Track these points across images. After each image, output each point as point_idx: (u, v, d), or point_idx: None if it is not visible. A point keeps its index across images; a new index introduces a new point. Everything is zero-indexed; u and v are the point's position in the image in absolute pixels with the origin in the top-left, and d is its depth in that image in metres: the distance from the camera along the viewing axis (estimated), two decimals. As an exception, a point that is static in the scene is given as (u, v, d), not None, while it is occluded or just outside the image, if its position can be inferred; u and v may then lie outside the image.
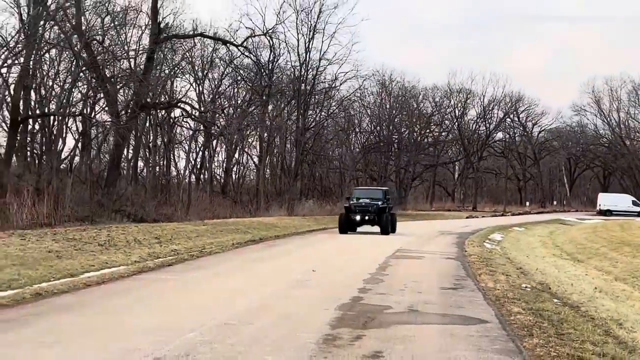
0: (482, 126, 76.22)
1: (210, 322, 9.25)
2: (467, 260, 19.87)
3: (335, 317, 9.69)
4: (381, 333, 8.79)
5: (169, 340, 7.99)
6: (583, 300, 12.84)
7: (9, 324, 8.86)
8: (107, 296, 11.78)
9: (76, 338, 8.33)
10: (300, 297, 11.84)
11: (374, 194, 32.77)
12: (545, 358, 7.85)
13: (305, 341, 8.17)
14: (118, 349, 7.42)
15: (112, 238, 20.33)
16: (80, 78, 32.48)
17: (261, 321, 9.49)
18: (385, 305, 11.20)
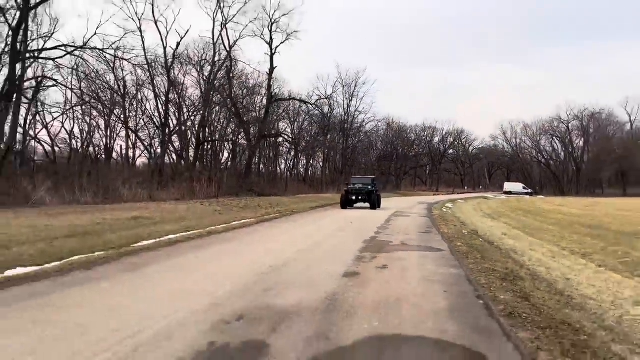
0: (442, 146, 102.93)
1: (296, 249, 11.72)
2: (433, 217, 24.09)
3: (362, 247, 12.18)
4: (387, 255, 11.03)
5: (277, 257, 10.37)
6: (495, 239, 15.15)
7: (198, 248, 11.52)
8: (245, 234, 14.69)
9: (231, 255, 10.93)
10: (342, 237, 14.71)
11: (365, 181, 32.27)
12: (474, 269, 9.43)
13: (346, 259, 10.33)
14: (252, 261, 9.90)
15: (247, 204, 25.02)
16: (231, 121, 40.79)
17: (321, 249, 12.08)
18: (389, 240, 13.67)
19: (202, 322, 5.60)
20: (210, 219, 18.09)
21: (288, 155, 63.35)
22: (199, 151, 42.41)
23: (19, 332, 5.18)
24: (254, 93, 49.01)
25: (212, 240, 13.11)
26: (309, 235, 14.67)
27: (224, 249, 11.54)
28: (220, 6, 40.83)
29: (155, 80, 38.63)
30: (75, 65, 30.36)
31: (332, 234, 15.03)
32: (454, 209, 33.08)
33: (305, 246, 12.01)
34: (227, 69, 42.51)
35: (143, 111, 41.77)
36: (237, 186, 37.86)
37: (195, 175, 36.34)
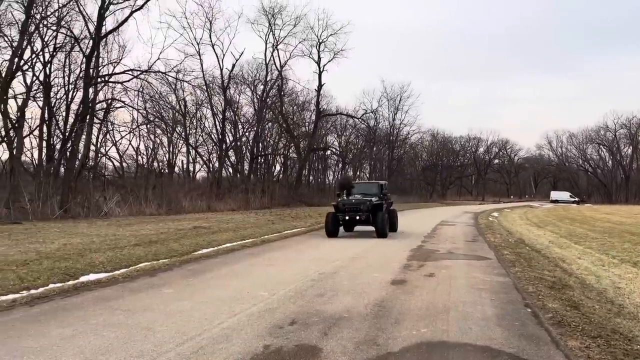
0: (487, 156, 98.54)
1: (345, 256, 11.77)
2: (479, 226, 23.21)
3: (409, 255, 11.92)
4: (434, 264, 10.74)
5: (327, 264, 10.55)
6: (542, 248, 14.51)
7: (253, 255, 11.78)
8: (296, 242, 14.77)
9: (283, 262, 11.09)
10: (390, 245, 13.65)
11: (367, 188, 19.46)
12: (522, 277, 9.13)
13: (393, 267, 10.29)
14: (303, 268, 9.99)
15: (297, 214, 24.72)
16: (282, 136, 44.44)
17: (370, 256, 11.86)
18: (435, 249, 13.08)
19: (257, 325, 5.67)
20: (263, 228, 18.34)
21: (336, 167, 63.57)
22: (253, 164, 43.33)
23: (93, 333, 5.40)
24: (303, 109, 49.80)
25: (266, 248, 13.28)
26: (358, 243, 14.66)
27: (277, 256, 11.64)
28: (271, 29, 41.83)
29: (213, 100, 39.90)
30: (141, 87, 31.72)
31: (380, 242, 14.94)
32: (500, 217, 32.12)
33: (353, 253, 11.97)
34: (278, 87, 43.41)
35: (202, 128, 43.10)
36: (289, 197, 38.46)
37: (250, 187, 37.05)
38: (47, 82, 27.10)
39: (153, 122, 35.01)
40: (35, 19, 23.68)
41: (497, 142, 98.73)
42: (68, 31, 26.12)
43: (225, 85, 39.07)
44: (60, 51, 27.34)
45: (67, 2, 24.80)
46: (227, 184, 39.04)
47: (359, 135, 63.32)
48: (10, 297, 6.97)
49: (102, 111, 29.45)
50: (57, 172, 25.94)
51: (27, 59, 25.88)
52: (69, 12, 25.45)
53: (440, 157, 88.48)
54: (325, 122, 52.66)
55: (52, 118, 27.94)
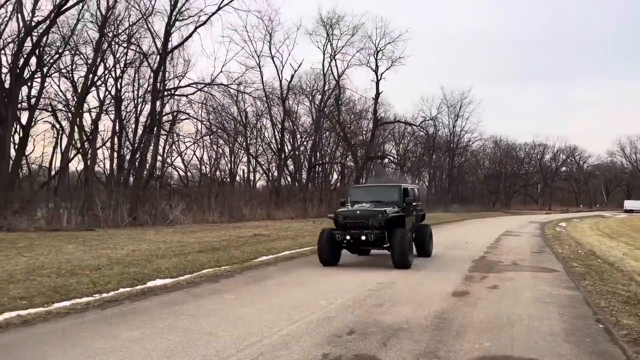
0: (553, 163, 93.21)
1: (412, 263, 11.30)
2: (546, 237, 22.01)
3: (471, 266, 11.44)
4: (497, 275, 10.30)
5: (386, 274, 10.56)
6: (615, 260, 13.59)
7: (311, 263, 11.76)
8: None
9: (342, 271, 11.02)
10: (453, 255, 13.31)
11: (382, 194, 13.04)
12: (592, 291, 8.66)
13: (454, 278, 10.01)
14: (361, 277, 10.09)
15: None
16: (340, 145, 46.91)
17: (431, 265, 11.16)
18: (498, 260, 12.57)
19: (316, 334, 5.68)
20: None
21: (394, 176, 62.79)
22: (311, 173, 43.75)
23: (159, 337, 5.60)
24: (360, 118, 49.70)
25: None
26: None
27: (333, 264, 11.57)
28: (329, 39, 42.18)
29: (272, 110, 40.67)
30: (205, 99, 32.82)
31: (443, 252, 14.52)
32: (569, 228, 30.52)
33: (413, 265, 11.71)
34: (335, 96, 43.69)
35: (262, 138, 44.03)
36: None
37: (308, 195, 37.36)
38: (118, 96, 28.67)
39: (216, 133, 36.15)
40: (107, 37, 25.15)
41: (565, 148, 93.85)
42: (137, 47, 27.58)
43: (284, 96, 39.80)
44: (130, 67, 28.93)
45: (137, 20, 26.20)
46: (285, 192, 39.59)
47: (417, 143, 62.34)
48: (84, 300, 7.37)
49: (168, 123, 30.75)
50: (126, 182, 27.29)
51: (101, 75, 27.54)
52: (138, 30, 26.88)
53: (504, 165, 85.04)
54: (382, 130, 52.27)
55: (123, 130, 29.51)
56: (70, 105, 26.58)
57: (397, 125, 54.59)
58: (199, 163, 41.01)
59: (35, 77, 24.28)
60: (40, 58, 23.51)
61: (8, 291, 7.52)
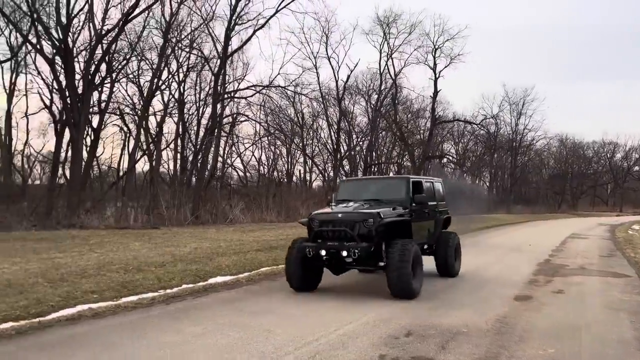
0: (625, 163, 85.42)
1: (473, 265, 11.25)
2: (617, 240, 20.43)
3: (535, 269, 10.96)
4: (563, 279, 9.92)
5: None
6: None
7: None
8: None
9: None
10: (516, 258, 12.78)
11: (383, 190, 9.32)
12: None
13: (517, 281, 9.68)
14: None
15: None
16: (396, 144, 46.18)
17: (494, 268, 11.01)
18: (564, 264, 12.08)
19: (372, 335, 5.66)
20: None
21: (453, 176, 61.40)
22: (367, 173, 43.60)
23: (220, 332, 5.77)
24: (418, 117, 48.95)
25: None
26: (478, 254, 13.91)
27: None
28: (386, 38, 41.88)
29: (328, 111, 40.83)
30: (263, 101, 33.50)
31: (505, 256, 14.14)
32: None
33: (473, 266, 11.44)
34: (392, 96, 43.31)
35: (318, 139, 44.35)
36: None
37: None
38: (181, 99, 29.76)
39: (273, 134, 36.79)
40: (171, 42, 26.16)
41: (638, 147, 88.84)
42: (199, 52, 28.52)
43: (340, 96, 39.88)
44: (192, 71, 29.94)
45: (199, 25, 27.10)
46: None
47: (477, 142, 60.44)
48: (150, 295, 7.71)
49: (228, 125, 31.60)
50: (189, 182, 28.28)
51: (165, 79, 28.70)
52: (199, 35, 27.80)
53: (570, 164, 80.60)
54: (441, 129, 51.22)
55: (185, 132, 30.58)
56: (136, 109, 27.88)
57: (456, 124, 53.28)
58: (258, 164, 41.87)
59: (105, 83, 25.66)
60: (110, 64, 24.80)
61: (81, 285, 8.00)
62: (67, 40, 22.00)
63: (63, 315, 6.40)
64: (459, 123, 53.22)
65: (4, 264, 9.65)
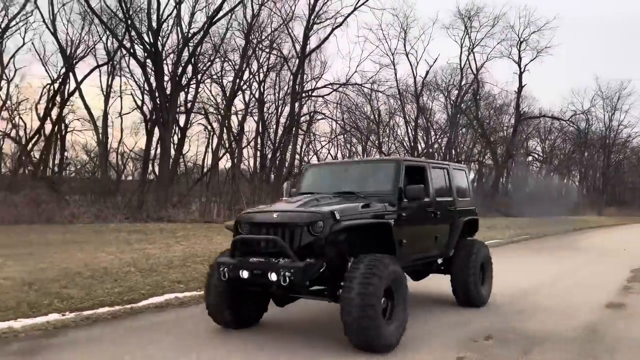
0: None
1: (551, 272, 10.36)
2: None
3: (630, 276, 10.35)
4: None
5: (530, 280, 9.61)
6: None
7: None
8: (502, 251, 13.64)
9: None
10: (607, 263, 12.08)
11: (361, 177, 6.38)
12: None
13: (609, 287, 8.95)
14: (502, 281, 8.57)
15: (494, 224, 24.35)
16: (477, 142, 46.20)
17: (582, 273, 10.49)
18: None
19: (449, 336, 5.55)
20: (457, 237, 17.93)
21: (538, 175, 58.38)
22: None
23: (297, 324, 5.87)
24: (501, 113, 47.04)
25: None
26: (564, 258, 13.21)
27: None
28: (467, 32, 40.67)
29: (406, 108, 40.33)
30: (340, 99, 33.74)
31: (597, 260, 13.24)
32: None
33: (556, 270, 10.82)
34: (473, 91, 41.97)
35: (394, 136, 43.93)
36: (483, 206, 36.83)
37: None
38: (261, 99, 30.62)
39: (349, 132, 36.88)
40: (252, 43, 27.01)
41: None
42: (278, 52, 29.21)
43: (418, 92, 39.22)
44: (272, 71, 30.71)
45: (278, 26, 27.78)
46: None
47: (566, 139, 56.77)
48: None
49: (305, 123, 32.08)
50: (268, 179, 29.06)
51: (246, 80, 29.67)
52: (279, 35, 28.49)
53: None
54: (526, 126, 48.83)
55: (265, 131, 31.43)
56: (220, 109, 29.04)
57: (542, 120, 50.55)
58: (334, 161, 42.20)
59: (191, 84, 26.98)
60: (195, 66, 26.05)
61: (168, 275, 8.50)
62: (157, 44, 23.39)
63: (152, 303, 6.83)
64: (545, 119, 50.52)
65: (101, 253, 10.48)
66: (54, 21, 24.28)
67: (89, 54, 26.14)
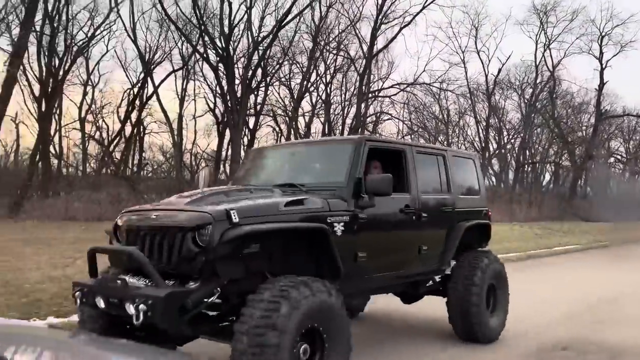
0: None
1: (631, 280, 9.61)
2: None
3: None
4: None
5: (608, 289, 9.05)
6: None
7: (517, 270, 10.46)
8: (569, 261, 13.77)
9: (551, 281, 9.81)
10: None
11: (312, 163, 4.86)
12: None
13: None
14: (577, 290, 8.68)
15: (570, 229, 24.07)
16: (554, 142, 42.01)
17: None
18: None
19: (524, 345, 5.36)
20: (530, 242, 17.17)
21: (621, 177, 54.63)
22: (519, 173, 40.94)
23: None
24: (579, 112, 44.47)
25: (531, 263, 12.46)
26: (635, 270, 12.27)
27: (544, 273, 10.73)
28: (543, 28, 38.88)
29: (476, 107, 39.25)
30: (407, 99, 33.45)
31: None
32: None
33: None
34: (549, 89, 40.13)
35: (464, 137, 42.86)
36: (560, 210, 35.15)
37: (515, 197, 35.10)
38: (328, 100, 30.94)
39: (417, 132, 36.41)
40: (320, 45, 27.35)
41: None
42: (345, 53, 29.40)
43: (490, 91, 38.05)
44: (338, 72, 30.96)
45: (346, 27, 27.94)
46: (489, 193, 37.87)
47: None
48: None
49: (371, 124, 32.04)
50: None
51: (313, 82, 30.10)
52: (346, 36, 28.65)
53: None
54: (607, 125, 45.76)
55: (331, 132, 31.71)
56: (287, 110, 29.65)
57: (626, 119, 46.95)
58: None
59: (260, 86, 27.73)
60: (265, 69, 26.75)
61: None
62: (228, 48, 24.24)
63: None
64: (629, 118, 47.07)
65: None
66: (134, 29, 25.86)
67: (165, 59, 27.62)
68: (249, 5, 25.02)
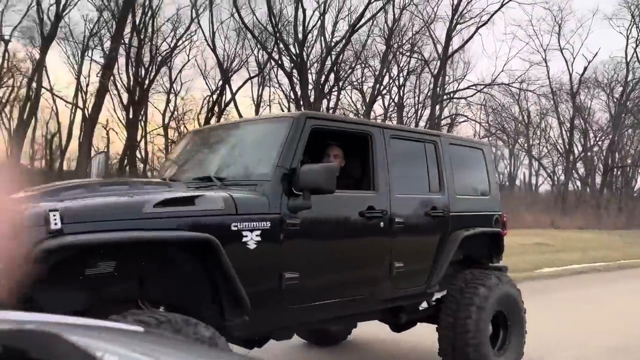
0: None
1: None
2: None
3: None
4: None
5: None
6: None
7: (604, 281, 10.04)
8: None
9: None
10: None
11: (244, 148, 3.54)
12: None
13: None
14: None
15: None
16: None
17: None
18: None
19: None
20: (619, 251, 16.08)
21: None
22: (607, 177, 38.35)
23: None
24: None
25: (622, 274, 11.64)
26: None
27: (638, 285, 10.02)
28: (635, 22, 36.22)
29: (560, 108, 37.29)
30: (484, 100, 32.41)
31: None
32: None
33: None
34: (643, 87, 37.43)
35: (546, 139, 40.84)
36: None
37: (602, 203, 32.94)
38: (400, 103, 30.68)
39: (495, 135, 35.17)
40: (393, 48, 27.20)
41: None
42: (419, 55, 29.01)
43: (574, 90, 36.00)
44: (412, 74, 30.63)
45: (420, 29, 27.59)
46: (573, 198, 35.85)
47: None
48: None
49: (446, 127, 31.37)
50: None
51: (386, 85, 29.96)
52: (420, 38, 28.28)
53: None
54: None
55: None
56: (359, 114, 29.72)
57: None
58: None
59: (332, 91, 28.05)
60: (337, 74, 27.01)
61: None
62: (302, 54, 24.74)
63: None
64: None
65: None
66: (213, 38, 26.98)
67: (242, 66, 28.60)
68: (322, 11, 25.44)
